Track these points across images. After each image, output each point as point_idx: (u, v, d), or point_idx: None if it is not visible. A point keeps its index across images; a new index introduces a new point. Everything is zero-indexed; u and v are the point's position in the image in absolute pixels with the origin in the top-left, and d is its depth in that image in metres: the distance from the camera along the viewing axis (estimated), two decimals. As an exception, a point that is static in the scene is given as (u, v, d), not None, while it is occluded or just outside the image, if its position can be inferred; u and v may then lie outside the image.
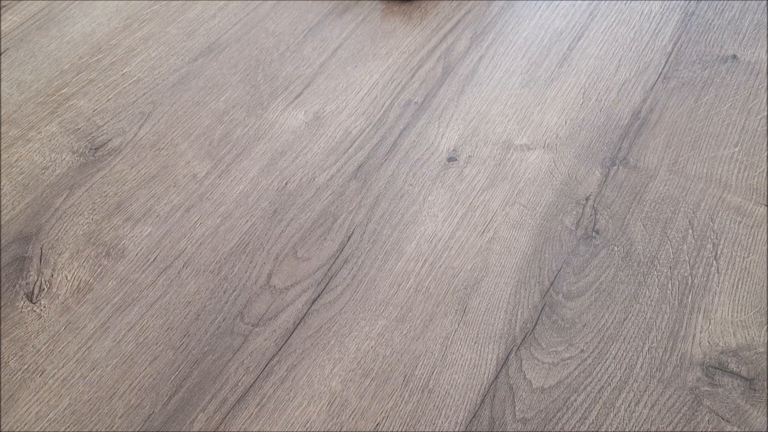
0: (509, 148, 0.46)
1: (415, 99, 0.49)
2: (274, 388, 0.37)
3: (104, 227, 0.43)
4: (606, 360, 0.37)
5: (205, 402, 0.36)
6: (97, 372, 0.37)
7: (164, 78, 0.51)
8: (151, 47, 0.53)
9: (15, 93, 0.50)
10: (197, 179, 0.45)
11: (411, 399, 0.36)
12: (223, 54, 0.52)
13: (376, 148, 0.47)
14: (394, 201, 0.44)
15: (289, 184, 0.45)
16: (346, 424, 0.35)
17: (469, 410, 0.36)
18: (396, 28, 0.54)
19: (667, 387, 0.36)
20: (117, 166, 0.46)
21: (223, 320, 0.39)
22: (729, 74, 0.49)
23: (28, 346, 0.38)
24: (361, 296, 0.40)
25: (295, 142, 0.47)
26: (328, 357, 0.38)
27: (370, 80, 0.50)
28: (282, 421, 0.36)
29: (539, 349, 0.38)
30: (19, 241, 0.43)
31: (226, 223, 0.43)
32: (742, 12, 0.52)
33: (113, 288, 0.41)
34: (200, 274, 0.41)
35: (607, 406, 0.35)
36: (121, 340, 0.39)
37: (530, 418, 0.35)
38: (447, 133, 0.47)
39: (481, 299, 0.40)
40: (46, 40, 0.53)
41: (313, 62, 0.52)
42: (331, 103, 0.49)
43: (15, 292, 0.40)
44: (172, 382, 0.37)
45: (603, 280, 0.40)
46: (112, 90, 0.50)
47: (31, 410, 0.36)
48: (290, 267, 0.41)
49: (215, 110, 0.49)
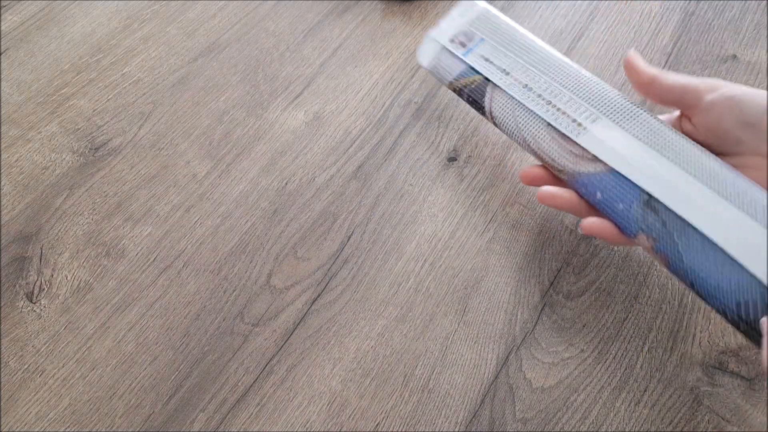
0: (509, 148, 0.46)
1: (415, 99, 0.49)
2: (274, 388, 0.37)
3: (104, 227, 0.43)
4: (606, 360, 0.37)
5: (205, 402, 0.36)
6: (97, 372, 0.37)
7: (164, 78, 0.51)
8: (151, 47, 0.53)
9: (15, 93, 0.50)
10: (197, 179, 0.45)
11: (411, 399, 0.36)
12: (223, 54, 0.52)
13: (376, 148, 0.47)
14: (394, 201, 0.44)
15: (289, 184, 0.45)
16: (346, 424, 0.35)
17: (469, 410, 0.36)
18: (396, 28, 0.54)
19: (667, 387, 0.36)
20: (117, 166, 0.46)
21: (223, 320, 0.39)
22: (729, 74, 0.49)
23: (28, 346, 0.38)
24: (361, 296, 0.40)
25: (295, 142, 0.47)
26: (328, 357, 0.38)
27: (370, 80, 0.50)
28: (282, 421, 0.36)
29: (539, 349, 0.38)
30: (19, 241, 0.43)
31: (226, 223, 0.43)
32: (742, 12, 0.52)
33: (113, 288, 0.41)
34: (200, 274, 0.41)
35: (607, 406, 0.35)
36: (121, 340, 0.39)
37: (530, 418, 0.35)
38: (447, 133, 0.47)
39: (481, 299, 0.40)
40: (46, 40, 0.53)
41: (313, 62, 0.52)
42: (331, 103, 0.49)
43: (15, 292, 0.40)
44: (172, 382, 0.37)
45: (603, 280, 0.40)
46: (112, 90, 0.50)
47: (31, 410, 0.36)
48: (290, 267, 0.41)
49: (215, 110, 0.49)
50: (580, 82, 0.38)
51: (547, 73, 0.38)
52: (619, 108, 0.36)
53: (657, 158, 0.33)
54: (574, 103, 0.37)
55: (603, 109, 0.36)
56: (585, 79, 0.38)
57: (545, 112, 0.37)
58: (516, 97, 0.38)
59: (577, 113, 0.36)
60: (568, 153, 0.36)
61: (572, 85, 0.38)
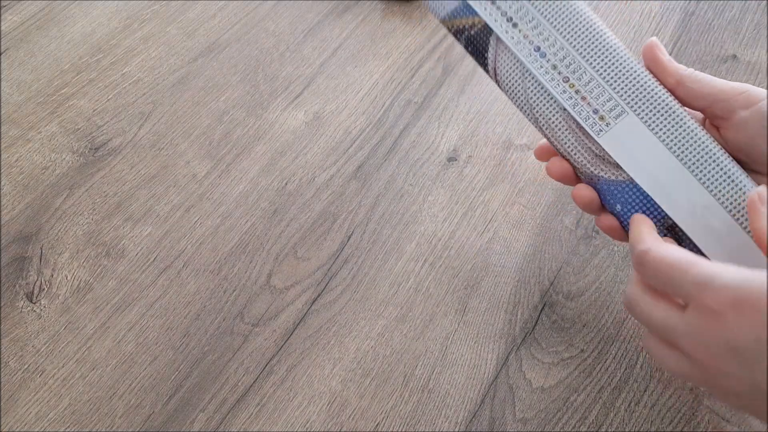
0: (509, 148, 0.46)
1: (415, 99, 0.49)
2: (274, 388, 0.37)
3: (104, 227, 0.43)
4: (606, 360, 0.37)
5: (205, 402, 0.36)
6: (97, 372, 0.37)
7: (164, 78, 0.51)
8: (151, 47, 0.53)
9: (15, 93, 0.50)
10: (197, 179, 0.45)
11: (411, 399, 0.36)
12: (223, 54, 0.52)
13: (376, 148, 0.47)
14: (394, 201, 0.44)
15: (289, 184, 0.45)
16: (346, 424, 0.35)
17: (469, 410, 0.36)
18: (396, 28, 0.54)
19: (667, 387, 0.36)
20: (117, 166, 0.46)
21: (223, 320, 0.39)
22: (729, 74, 0.49)
23: (28, 346, 0.38)
24: (361, 296, 0.40)
25: (295, 142, 0.47)
26: (328, 357, 0.38)
27: (370, 80, 0.50)
28: (282, 421, 0.36)
29: (539, 349, 0.38)
30: (19, 241, 0.43)
31: (226, 223, 0.43)
32: (742, 12, 0.53)
33: (113, 288, 0.41)
34: (200, 274, 0.41)
35: (607, 406, 0.35)
36: (121, 340, 0.39)
37: (530, 418, 0.35)
38: (447, 133, 0.47)
39: (481, 299, 0.40)
40: (46, 40, 0.53)
41: (313, 62, 0.52)
42: (331, 103, 0.49)
43: (15, 292, 0.40)
44: (172, 382, 0.37)
45: (603, 280, 0.40)
46: (112, 90, 0.50)
47: (31, 410, 0.36)
48: (290, 267, 0.41)
49: (215, 110, 0.49)
50: (605, 55, 0.30)
51: (567, 37, 0.30)
52: (649, 101, 0.30)
53: (687, 179, 0.29)
54: (597, 87, 0.30)
55: (630, 101, 0.30)
56: (611, 51, 0.30)
57: (561, 93, 0.30)
58: (526, 64, 0.31)
59: (599, 101, 0.30)
60: (587, 151, 0.31)
61: (597, 59, 0.30)
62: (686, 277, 0.26)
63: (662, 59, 0.31)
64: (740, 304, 0.24)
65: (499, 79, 0.32)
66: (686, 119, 0.30)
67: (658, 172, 0.30)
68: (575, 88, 0.30)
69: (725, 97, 0.30)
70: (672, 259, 0.26)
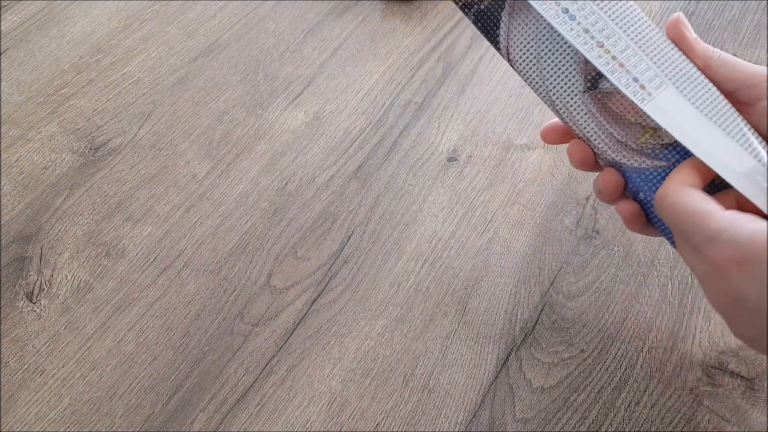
0: (509, 148, 0.46)
1: (415, 99, 0.49)
2: (274, 388, 0.37)
3: (104, 227, 0.43)
4: (606, 360, 0.37)
5: (205, 402, 0.36)
6: (97, 372, 0.37)
7: (164, 78, 0.51)
8: (151, 47, 0.53)
9: (15, 93, 0.50)
10: (197, 179, 0.45)
11: (411, 399, 0.36)
12: (223, 54, 0.52)
13: (376, 148, 0.47)
14: (394, 201, 0.44)
15: (289, 184, 0.45)
16: (346, 424, 0.35)
17: (469, 410, 0.36)
18: (396, 28, 0.54)
19: (667, 387, 0.36)
20: (117, 166, 0.46)
21: (223, 320, 0.39)
22: (729, 74, 0.49)
23: (28, 346, 0.38)
24: (361, 296, 0.40)
25: (295, 142, 0.47)
26: (328, 357, 0.38)
27: (370, 80, 0.50)
28: (282, 421, 0.36)
29: (539, 349, 0.38)
30: (19, 241, 0.43)
31: (226, 223, 0.43)
32: (742, 12, 0.52)
33: (113, 288, 0.41)
34: (200, 274, 0.41)
35: (607, 406, 0.35)
36: (121, 340, 0.39)
37: (530, 418, 0.35)
38: (447, 133, 0.47)
39: (481, 299, 0.40)
40: (46, 40, 0.53)
41: (313, 62, 0.52)
42: (331, 103, 0.49)
43: (15, 292, 0.40)
44: (172, 382, 0.37)
45: (603, 280, 0.40)
46: (112, 90, 0.50)
47: (31, 410, 0.36)
48: (290, 267, 0.41)
49: (215, 110, 0.49)
50: (638, 24, 0.28)
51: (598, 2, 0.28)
52: (685, 76, 0.28)
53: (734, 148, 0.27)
54: (634, 55, 0.27)
55: (669, 74, 0.27)
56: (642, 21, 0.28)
57: (597, 58, 0.27)
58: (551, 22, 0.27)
59: (638, 70, 0.27)
60: (608, 136, 0.29)
61: (630, 27, 0.28)
62: (696, 229, 0.26)
63: (689, 38, 0.29)
64: (743, 261, 0.24)
65: (512, 58, 0.29)
66: (722, 98, 0.28)
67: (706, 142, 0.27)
68: (611, 54, 0.27)
69: (752, 83, 0.29)
70: (684, 207, 0.26)
